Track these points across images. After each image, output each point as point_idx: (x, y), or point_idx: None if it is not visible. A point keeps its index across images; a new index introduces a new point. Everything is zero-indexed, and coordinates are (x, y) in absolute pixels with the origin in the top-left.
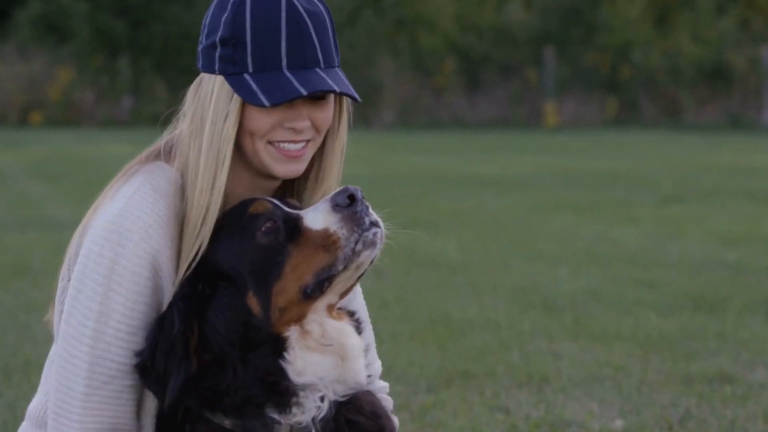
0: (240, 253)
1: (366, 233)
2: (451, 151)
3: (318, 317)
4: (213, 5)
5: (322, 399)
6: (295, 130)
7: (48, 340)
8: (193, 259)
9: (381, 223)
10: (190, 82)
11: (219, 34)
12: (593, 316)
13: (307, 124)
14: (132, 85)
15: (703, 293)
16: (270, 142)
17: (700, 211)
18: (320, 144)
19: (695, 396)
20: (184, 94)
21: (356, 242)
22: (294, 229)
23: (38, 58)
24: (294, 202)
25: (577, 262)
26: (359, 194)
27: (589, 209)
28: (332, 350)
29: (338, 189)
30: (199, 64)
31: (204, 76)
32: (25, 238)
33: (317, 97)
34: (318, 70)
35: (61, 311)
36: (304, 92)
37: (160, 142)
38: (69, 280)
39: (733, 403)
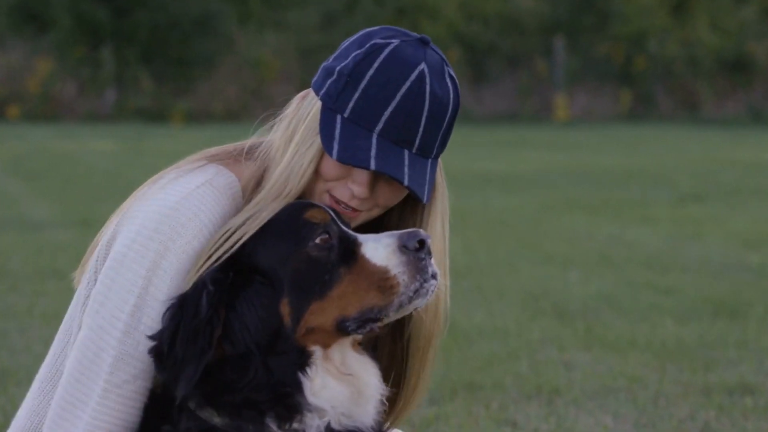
0: (284, 257)
1: (426, 284)
2: (455, 147)
3: (341, 347)
4: (360, 33)
5: (324, 423)
6: (352, 194)
7: (27, 348)
8: (225, 252)
9: (438, 275)
10: (178, 73)
11: (342, 64)
12: (607, 324)
13: (365, 194)
14: (116, 77)
15: (723, 298)
16: (329, 191)
17: (720, 210)
18: (412, 222)
19: (715, 408)
20: (173, 87)
21: (415, 291)
22: (349, 252)
23: (16, 49)
24: (347, 220)
25: (589, 265)
26: (429, 242)
27: (602, 209)
28: (351, 381)
29: (410, 230)
30: (315, 78)
31: (310, 95)
32: (2, 239)
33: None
34: (406, 152)
35: (86, 297)
36: (370, 167)
37: (242, 143)
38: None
39: (754, 416)
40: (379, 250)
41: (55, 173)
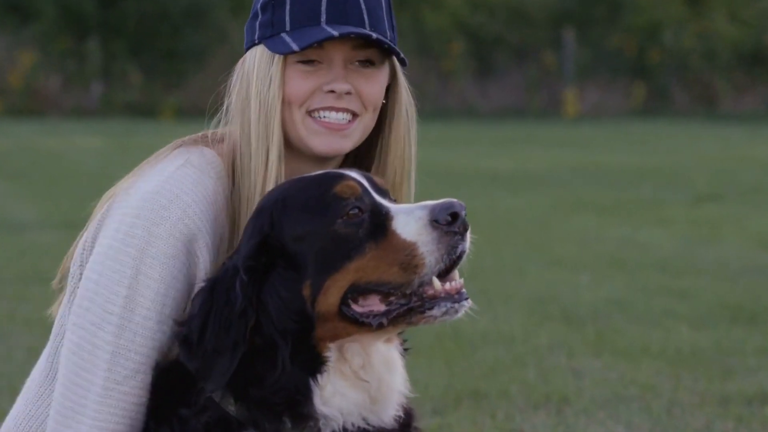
0: (312, 236)
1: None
2: (459, 144)
3: (362, 348)
4: None
5: (339, 425)
6: (335, 94)
7: (8, 356)
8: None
9: (468, 244)
10: (167, 66)
11: (261, 1)
12: (618, 329)
13: (346, 87)
14: (102, 71)
15: (741, 303)
16: (309, 114)
17: (738, 210)
18: (378, 134)
19: (732, 419)
20: (162, 81)
21: (437, 271)
22: (379, 227)
23: None
24: (382, 182)
25: (600, 268)
26: (463, 213)
27: (614, 209)
28: (367, 387)
29: (443, 201)
30: (245, 42)
31: (247, 54)
32: None
33: (365, 64)
34: (362, 29)
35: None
36: (335, 33)
37: (207, 131)
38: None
39: None
40: (410, 224)
41: (38, 171)
